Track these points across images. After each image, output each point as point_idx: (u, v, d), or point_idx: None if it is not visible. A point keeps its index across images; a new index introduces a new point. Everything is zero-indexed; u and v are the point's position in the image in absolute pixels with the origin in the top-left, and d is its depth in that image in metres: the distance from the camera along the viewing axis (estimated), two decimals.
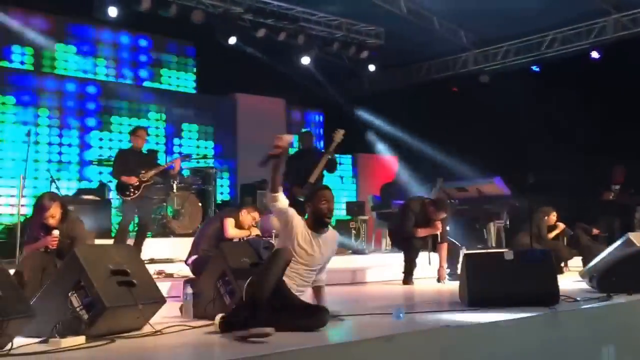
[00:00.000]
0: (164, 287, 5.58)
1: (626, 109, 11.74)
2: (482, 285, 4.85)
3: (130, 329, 3.85)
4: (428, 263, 7.73)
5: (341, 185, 14.82)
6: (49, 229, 5.31)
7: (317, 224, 4.51)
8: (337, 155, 9.72)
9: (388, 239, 11.64)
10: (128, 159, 8.10)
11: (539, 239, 8.77)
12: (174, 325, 4.01)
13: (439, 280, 7.42)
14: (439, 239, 7.54)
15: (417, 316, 4.52)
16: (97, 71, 12.17)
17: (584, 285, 6.14)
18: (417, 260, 7.66)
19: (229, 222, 6.77)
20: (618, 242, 6.69)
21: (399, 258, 7.85)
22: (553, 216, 9.17)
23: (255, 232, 6.96)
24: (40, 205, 5.36)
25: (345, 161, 15.01)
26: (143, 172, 7.98)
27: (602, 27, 12.50)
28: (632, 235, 6.82)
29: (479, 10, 12.35)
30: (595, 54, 12.44)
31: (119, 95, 12.05)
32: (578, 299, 5.00)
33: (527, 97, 12.22)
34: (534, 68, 13.29)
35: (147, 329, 3.91)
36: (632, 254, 5.77)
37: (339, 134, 8.61)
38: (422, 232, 7.49)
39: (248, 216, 6.89)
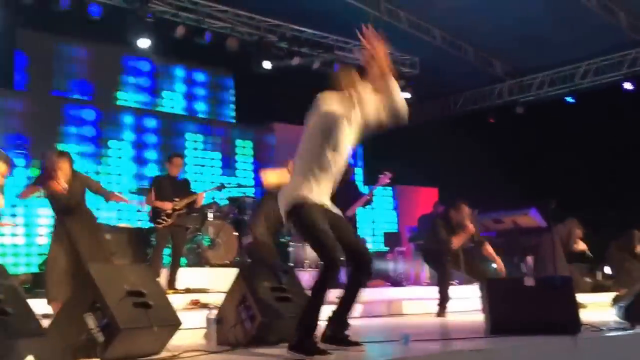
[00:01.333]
0: (199, 316, 5.66)
1: None
2: (503, 312, 4.82)
3: (148, 353, 3.82)
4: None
5: (381, 217, 14.85)
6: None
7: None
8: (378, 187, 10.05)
9: (427, 271, 11.63)
10: (163, 185, 8.23)
11: (566, 245, 8.69)
12: (192, 350, 4.00)
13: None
14: (474, 240, 7.55)
15: (435, 343, 4.53)
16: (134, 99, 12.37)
17: (614, 315, 6.04)
18: (453, 293, 7.64)
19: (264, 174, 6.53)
20: None
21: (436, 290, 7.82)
22: (580, 232, 9.09)
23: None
24: (48, 161, 5.52)
25: (386, 193, 15.03)
26: (177, 199, 8.15)
27: (634, 58, 12.45)
28: None
29: (512, 41, 12.42)
30: (628, 85, 12.33)
31: (156, 123, 12.28)
32: (602, 328, 4.93)
33: (563, 128, 12.16)
34: (569, 99, 13.20)
35: (164, 353, 3.91)
36: None
37: (386, 178, 8.77)
38: (457, 240, 7.46)
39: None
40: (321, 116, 4.05)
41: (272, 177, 6.21)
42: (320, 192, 4.04)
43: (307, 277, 9.16)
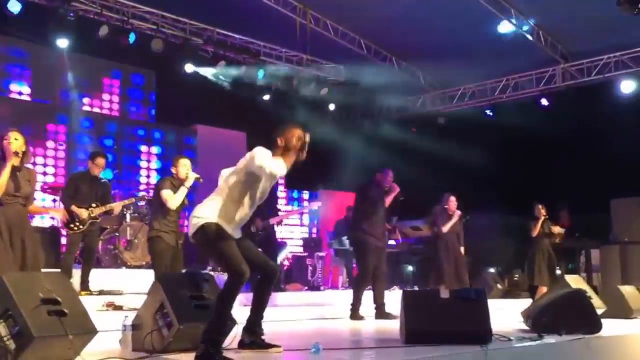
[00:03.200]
0: (113, 319, 5.53)
1: (573, 156, 12.18)
2: (418, 323, 4.93)
3: None
4: None
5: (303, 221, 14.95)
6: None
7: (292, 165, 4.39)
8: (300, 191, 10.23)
9: (345, 275, 11.77)
10: (81, 186, 7.90)
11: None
12: (106, 358, 3.97)
13: None
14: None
15: (347, 353, 4.58)
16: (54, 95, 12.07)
17: (523, 325, 6.27)
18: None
19: (166, 194, 6.52)
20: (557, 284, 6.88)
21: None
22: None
23: (193, 176, 6.60)
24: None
25: (305, 197, 15.12)
26: (94, 205, 7.88)
27: (552, 75, 13.00)
28: (569, 278, 7.03)
29: (436, 53, 12.73)
30: (544, 101, 12.85)
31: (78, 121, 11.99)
32: (511, 338, 5.11)
33: (481, 140, 12.56)
34: (488, 112, 13.65)
35: None
36: (564, 295, 5.92)
37: (315, 205, 8.88)
38: (388, 201, 7.84)
39: (181, 167, 6.62)
40: (252, 172, 4.30)
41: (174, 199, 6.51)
42: (229, 223, 4.33)
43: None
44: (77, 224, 7.72)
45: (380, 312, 7.61)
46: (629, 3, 8.68)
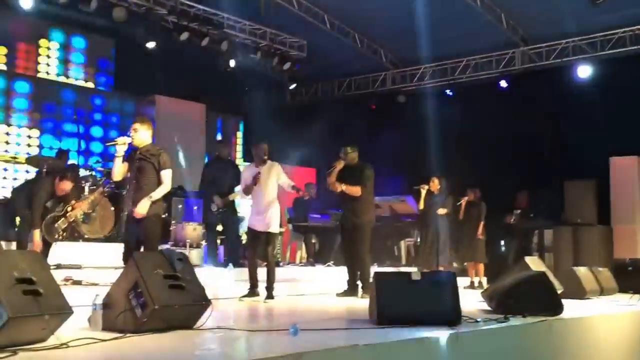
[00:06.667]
0: (72, 294, 5.41)
1: (530, 137, 12.39)
2: (390, 304, 4.98)
3: (34, 340, 3.66)
4: None
5: None
6: None
7: None
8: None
9: (303, 251, 11.79)
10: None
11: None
12: (82, 338, 3.85)
13: None
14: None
15: (326, 333, 4.60)
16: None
17: (485, 305, 6.39)
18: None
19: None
20: (516, 266, 7.02)
21: (312, 271, 7.82)
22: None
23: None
24: None
25: None
26: (73, 205, 7.92)
27: (511, 57, 13.19)
28: (528, 259, 7.19)
29: (398, 32, 12.74)
30: (503, 83, 13.04)
31: (35, 90, 11.66)
32: (478, 319, 5.21)
33: (441, 119, 12.68)
34: (448, 92, 13.77)
35: (52, 340, 3.72)
36: (526, 277, 6.05)
37: None
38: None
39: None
40: None
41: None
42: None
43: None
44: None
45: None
46: None
